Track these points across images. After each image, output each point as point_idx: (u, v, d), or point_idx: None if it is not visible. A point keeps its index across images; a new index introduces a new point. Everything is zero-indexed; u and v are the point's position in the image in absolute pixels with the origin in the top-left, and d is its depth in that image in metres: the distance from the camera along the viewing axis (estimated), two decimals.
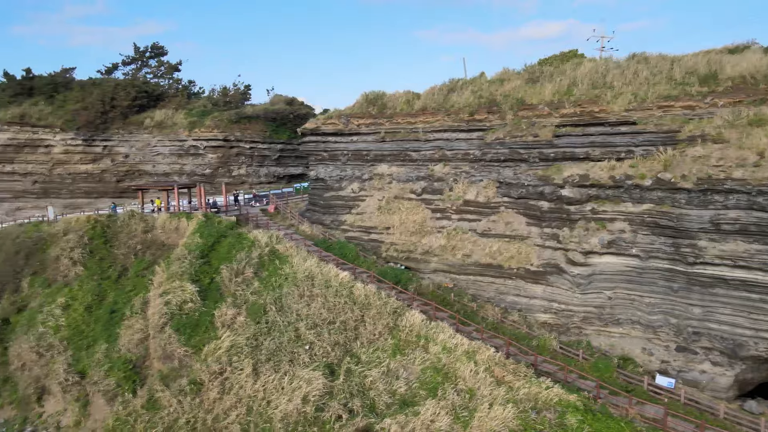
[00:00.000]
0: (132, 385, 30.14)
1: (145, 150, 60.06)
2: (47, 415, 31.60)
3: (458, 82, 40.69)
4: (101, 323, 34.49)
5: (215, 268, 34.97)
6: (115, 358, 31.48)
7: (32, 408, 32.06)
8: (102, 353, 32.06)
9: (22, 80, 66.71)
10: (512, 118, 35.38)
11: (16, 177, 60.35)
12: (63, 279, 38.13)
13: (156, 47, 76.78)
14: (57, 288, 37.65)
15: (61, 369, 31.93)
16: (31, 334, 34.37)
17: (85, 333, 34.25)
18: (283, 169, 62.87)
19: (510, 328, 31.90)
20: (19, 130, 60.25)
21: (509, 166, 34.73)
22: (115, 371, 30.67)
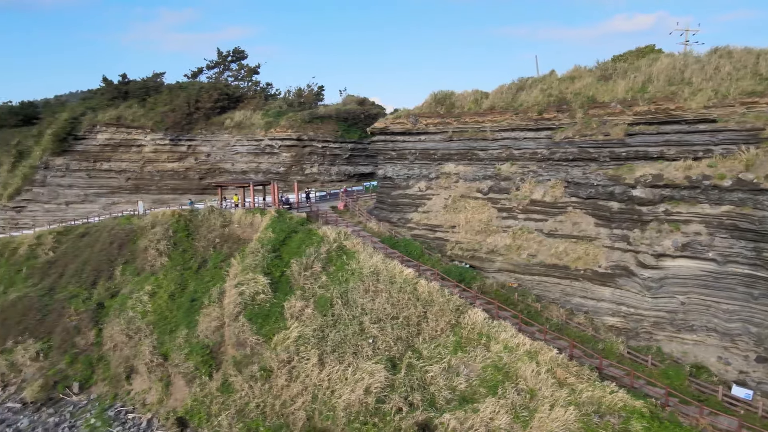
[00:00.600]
0: (208, 369, 32.13)
1: (225, 149, 63.46)
2: (134, 392, 34.36)
3: (527, 80, 40.21)
4: (182, 310, 37.02)
5: (286, 261, 36.62)
6: (194, 343, 33.65)
7: (122, 385, 34.97)
8: (183, 338, 34.38)
9: (119, 85, 72.29)
10: (582, 117, 34.59)
11: (112, 174, 65.56)
12: (150, 268, 41.20)
13: (237, 52, 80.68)
14: (145, 276, 40.76)
15: (147, 351, 34.56)
16: (122, 318, 37.45)
17: (169, 319, 36.88)
18: (354, 167, 64.44)
19: (575, 330, 31.30)
20: (115, 130, 65.43)
21: (578, 166, 34.01)
22: (194, 355, 32.78)
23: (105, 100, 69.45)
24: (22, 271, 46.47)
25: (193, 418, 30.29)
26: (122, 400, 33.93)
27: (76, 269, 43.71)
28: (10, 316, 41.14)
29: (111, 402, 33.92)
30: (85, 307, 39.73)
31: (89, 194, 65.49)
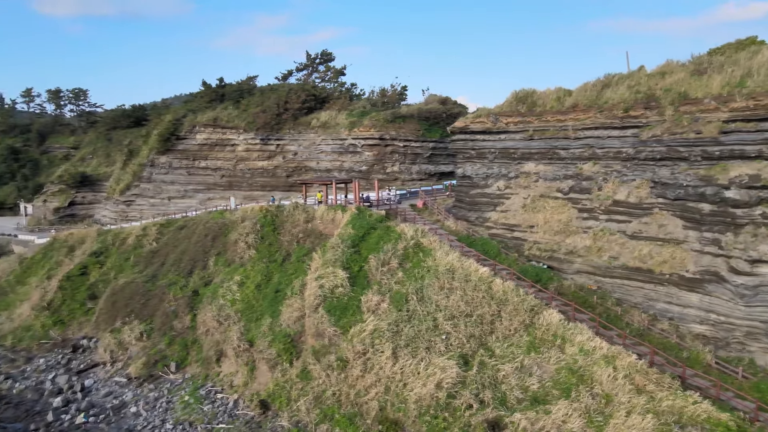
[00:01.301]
0: (289, 357, 33.91)
1: (311, 148, 66.13)
2: (223, 374, 36.88)
3: (614, 77, 38.77)
4: (267, 300, 39.22)
5: (364, 257, 37.81)
6: (277, 332, 35.60)
7: (212, 367, 37.64)
8: (267, 326, 36.47)
9: (216, 88, 77.31)
10: (672, 114, 32.95)
11: (208, 171, 70.32)
12: (239, 260, 43.95)
13: (325, 54, 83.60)
14: (234, 267, 43.54)
15: (234, 337, 36.98)
16: (214, 305, 40.26)
17: (255, 308, 39.22)
18: (435, 166, 64.86)
19: (657, 337, 29.97)
20: (212, 131, 70.09)
21: (666, 165, 32.46)
22: (277, 343, 34.69)
23: (204, 103, 74.54)
24: (130, 259, 51.07)
25: (275, 401, 32.23)
26: (212, 381, 36.49)
27: (176, 259, 47.45)
28: (119, 299, 45.44)
29: (203, 382, 36.59)
30: (182, 294, 43.08)
31: (188, 190, 70.63)
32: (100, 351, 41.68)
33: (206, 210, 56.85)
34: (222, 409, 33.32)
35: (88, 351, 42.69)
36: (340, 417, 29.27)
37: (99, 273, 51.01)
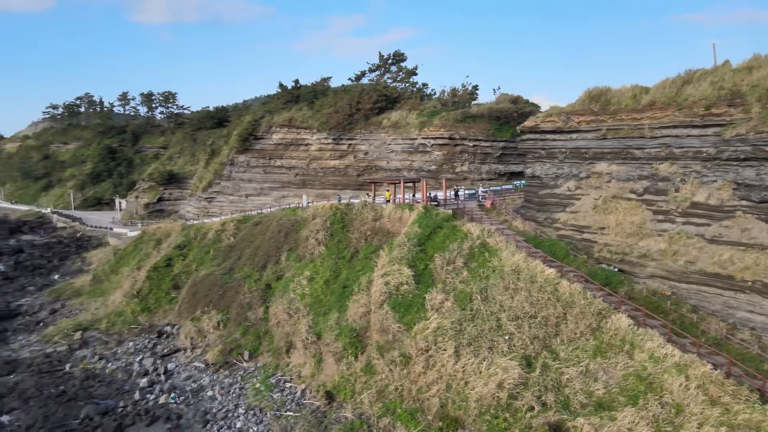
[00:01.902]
0: (354, 351, 34.89)
1: (381, 148, 67.21)
2: (292, 365, 38.47)
3: (695, 73, 36.88)
4: (335, 295, 40.48)
5: (430, 255, 38.18)
6: (344, 326, 36.69)
7: (282, 358, 39.36)
8: (334, 321, 37.68)
9: (292, 90, 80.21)
10: (759, 111, 30.97)
11: (283, 170, 73.15)
12: (310, 256, 45.58)
13: (397, 55, 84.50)
14: (305, 263, 45.21)
15: (303, 329, 38.48)
16: (285, 299, 42.04)
17: (323, 302, 40.60)
18: (505, 166, 64.09)
19: (736, 347, 28.31)
20: (287, 131, 72.86)
21: (751, 166, 30.56)
22: (343, 337, 35.78)
23: (280, 104, 77.60)
24: (209, 253, 54.17)
25: (340, 393, 33.30)
26: (282, 371, 38.17)
27: (251, 253, 49.87)
28: (200, 290, 48.37)
29: (273, 371, 38.35)
30: (256, 287, 45.26)
31: (264, 188, 73.81)
32: (181, 337, 44.58)
33: (280, 207, 59.23)
34: (290, 397, 34.80)
35: (171, 337, 45.79)
36: (401, 412, 29.85)
37: (182, 265, 54.46)
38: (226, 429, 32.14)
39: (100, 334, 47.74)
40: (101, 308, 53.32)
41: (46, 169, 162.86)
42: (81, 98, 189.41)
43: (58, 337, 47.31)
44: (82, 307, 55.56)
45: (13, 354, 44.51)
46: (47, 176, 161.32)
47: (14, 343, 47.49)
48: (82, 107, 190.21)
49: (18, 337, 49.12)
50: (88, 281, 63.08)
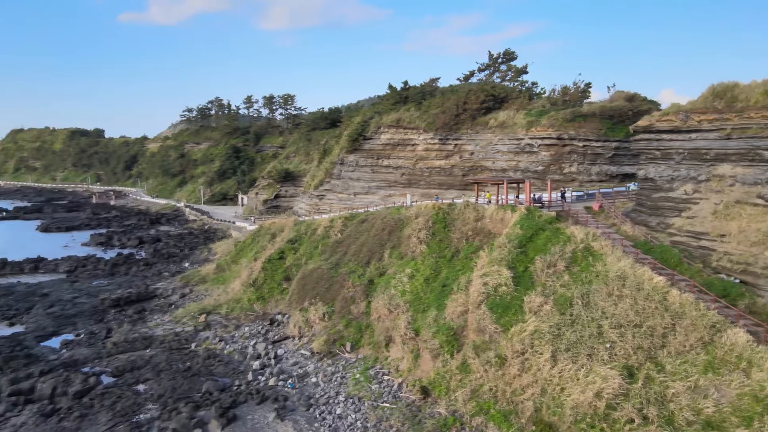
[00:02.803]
0: (451, 349, 35.41)
1: (487, 148, 66.76)
2: (391, 359, 39.78)
3: None
4: (434, 294, 41.23)
5: (530, 258, 37.70)
6: (441, 324, 37.34)
7: (382, 351, 40.82)
8: (432, 318, 38.44)
9: (400, 91, 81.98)
10: None
11: (390, 169, 75.08)
12: (411, 254, 46.70)
13: (507, 53, 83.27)
14: (406, 261, 46.41)
15: (402, 325, 39.65)
16: (386, 295, 43.50)
17: (422, 300, 41.51)
18: (617, 167, 60.87)
19: None
20: (395, 131, 74.68)
21: None
22: (440, 335, 36.44)
23: (389, 105, 79.66)
24: (318, 248, 57.25)
25: (435, 389, 34.04)
26: (381, 364, 39.62)
27: (356, 250, 52.03)
28: (308, 282, 51.38)
29: (372, 363, 39.92)
30: (359, 282, 47.23)
31: (372, 187, 76.23)
32: (290, 326, 47.71)
33: (385, 206, 61.06)
34: (387, 389, 36.11)
35: (281, 325, 49.15)
36: (495, 412, 29.98)
37: (293, 258, 58.06)
38: (327, 414, 34.12)
39: (221, 318, 52.38)
40: (222, 295, 58.37)
41: (181, 166, 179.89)
42: (212, 102, 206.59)
43: (186, 319, 52.65)
44: (207, 293, 61.19)
45: (149, 331, 50.30)
46: (182, 173, 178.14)
47: (151, 321, 53.59)
48: (212, 110, 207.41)
49: (154, 316, 55.34)
50: (213, 270, 69.18)
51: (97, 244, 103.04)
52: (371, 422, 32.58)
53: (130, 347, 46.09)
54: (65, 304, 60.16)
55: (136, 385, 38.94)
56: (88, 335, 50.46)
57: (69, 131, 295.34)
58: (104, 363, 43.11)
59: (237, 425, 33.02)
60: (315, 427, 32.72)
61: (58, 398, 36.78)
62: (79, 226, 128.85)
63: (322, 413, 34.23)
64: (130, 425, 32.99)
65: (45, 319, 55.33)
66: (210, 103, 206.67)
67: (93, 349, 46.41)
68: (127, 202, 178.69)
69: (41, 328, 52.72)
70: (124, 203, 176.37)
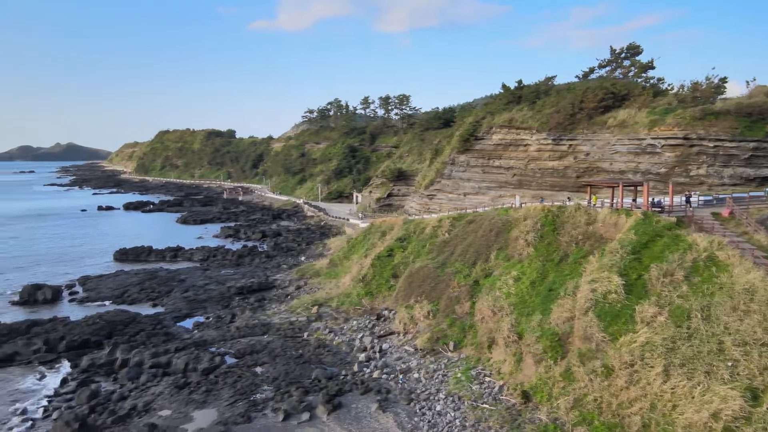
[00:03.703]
0: (554, 355, 34.64)
1: (604, 148, 63.61)
2: (493, 361, 39.65)
3: None
4: (540, 297, 40.45)
5: (645, 265, 35.73)
6: (545, 329, 36.63)
7: (484, 352, 40.81)
8: (536, 322, 37.81)
9: (514, 90, 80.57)
10: None
11: (501, 170, 74.14)
12: (518, 256, 46.09)
13: (631, 48, 78.68)
14: (513, 263, 45.89)
15: (505, 327, 39.37)
16: (491, 296, 43.40)
17: (527, 303, 40.90)
18: (754, 170, 55.04)
19: None
20: (507, 131, 73.61)
21: None
22: (544, 339, 35.78)
23: (501, 105, 78.64)
24: (425, 247, 58.23)
25: (536, 394, 33.54)
26: (483, 365, 39.64)
27: (462, 250, 52.29)
28: (415, 280, 52.54)
29: (474, 364, 40.07)
30: (464, 282, 47.50)
31: (482, 187, 75.76)
32: (396, 322, 49.16)
33: (493, 207, 60.55)
34: (488, 391, 36.16)
35: (387, 320, 50.77)
36: (599, 424, 29.02)
37: (401, 256, 59.56)
38: (427, 409, 34.94)
39: (332, 311, 55.22)
40: (334, 288, 61.40)
41: (302, 165, 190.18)
42: (331, 103, 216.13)
43: (300, 309, 56.20)
44: (320, 286, 64.68)
45: (267, 319, 54.39)
46: (302, 171, 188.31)
47: (269, 310, 57.86)
48: (331, 111, 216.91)
49: (272, 305, 59.66)
50: (326, 264, 72.87)
51: (226, 237, 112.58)
52: (470, 422, 32.90)
53: (250, 332, 50.23)
54: (198, 290, 66.73)
55: (254, 367, 42.43)
56: (215, 319, 55.72)
57: (206, 132, 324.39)
58: (228, 345, 47.41)
59: (342, 412, 34.94)
60: (414, 421, 33.69)
61: (189, 373, 41.17)
62: (211, 219, 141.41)
63: (422, 408, 35.11)
64: (248, 403, 36.16)
65: (181, 302, 61.87)
66: (329, 105, 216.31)
67: (219, 331, 51.21)
68: (252, 198, 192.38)
69: (178, 310, 59.06)
70: (251, 199, 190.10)
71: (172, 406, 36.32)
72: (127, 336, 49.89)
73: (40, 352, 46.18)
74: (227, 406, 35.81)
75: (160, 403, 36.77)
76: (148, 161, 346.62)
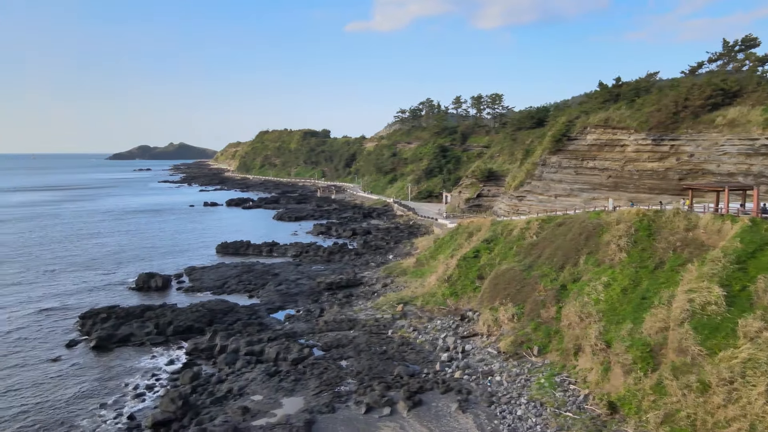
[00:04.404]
0: (645, 366, 33.16)
1: (710, 149, 59.27)
2: (578, 368, 38.49)
3: None
4: (631, 306, 38.75)
5: (751, 276, 33.31)
6: (636, 339, 35.11)
7: (569, 359, 39.70)
8: (626, 331, 36.31)
9: (612, 88, 77.04)
10: None
11: (595, 172, 71.23)
12: (609, 261, 44.33)
13: (747, 40, 72.77)
14: (603, 268, 44.20)
15: (593, 335, 38.10)
16: (578, 301, 42.12)
17: (617, 311, 39.30)
18: None
19: None
20: (602, 131, 70.61)
21: None
22: (634, 350, 34.33)
23: (597, 103, 75.44)
24: (512, 249, 57.37)
25: (624, 406, 32.33)
26: (568, 372, 38.62)
27: (550, 253, 51.04)
28: (500, 282, 52.03)
29: (559, 371, 39.13)
30: (551, 286, 46.40)
31: (574, 189, 73.17)
32: (479, 323, 49.00)
33: (584, 209, 58.44)
34: (571, 399, 35.28)
35: (471, 321, 50.71)
36: None
37: (487, 257, 59.11)
38: (507, 413, 34.72)
39: (416, 310, 55.99)
40: (419, 288, 62.13)
41: (393, 164, 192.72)
42: (423, 103, 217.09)
43: (385, 307, 57.48)
44: (405, 285, 65.67)
45: (353, 314, 56.17)
46: (393, 171, 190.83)
47: (355, 306, 59.68)
48: (423, 111, 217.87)
49: (358, 302, 61.47)
50: (413, 263, 73.76)
51: (318, 234, 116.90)
52: (551, 429, 32.36)
53: (337, 327, 52.18)
54: (290, 284, 70.12)
55: (340, 360, 44.13)
56: (305, 312, 58.38)
57: (302, 132, 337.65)
58: (316, 338, 49.59)
59: (422, 410, 35.58)
60: (494, 424, 33.63)
61: (280, 362, 43.63)
62: (305, 217, 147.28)
63: (503, 412, 34.94)
64: (332, 394, 37.78)
65: (274, 294, 65.38)
66: (421, 104, 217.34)
67: (308, 324, 53.66)
68: (345, 196, 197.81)
69: (271, 302, 62.50)
70: (343, 197, 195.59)
71: (263, 391, 38.76)
72: (225, 324, 53.62)
73: (151, 335, 50.91)
74: (313, 396, 37.65)
75: (252, 388, 39.35)
76: (249, 160, 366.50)
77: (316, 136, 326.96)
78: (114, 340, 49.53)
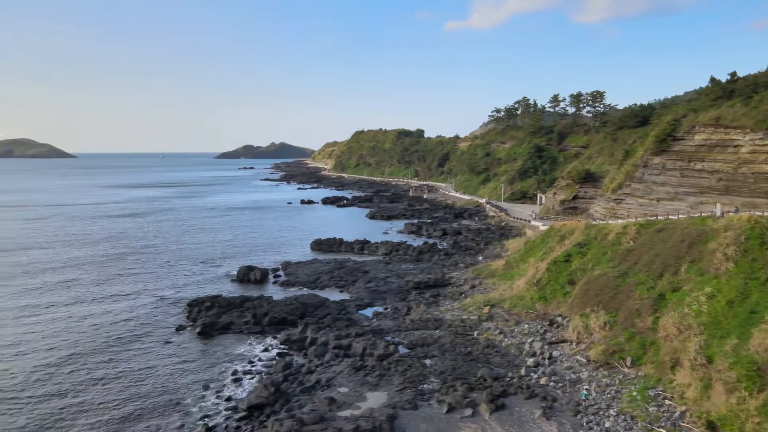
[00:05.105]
0: (751, 385, 30.81)
1: None
2: (675, 383, 36.35)
3: None
4: (738, 319, 36.04)
5: None
6: (742, 355, 32.67)
7: (666, 373, 37.55)
8: (731, 347, 33.87)
9: (725, 84, 71.43)
10: None
11: (703, 174, 66.31)
12: (714, 271, 41.39)
13: None
14: (707, 278, 41.36)
15: (693, 349, 35.83)
16: (677, 312, 39.75)
17: (721, 324, 36.68)
18: None
19: None
20: (713, 131, 65.61)
21: None
22: (739, 367, 31.99)
23: (708, 101, 70.25)
24: (607, 254, 54.99)
25: (725, 426, 30.31)
26: (663, 386, 36.59)
27: (648, 260, 48.42)
28: (592, 288, 50.13)
29: (654, 384, 37.16)
30: (648, 295, 44.08)
31: (679, 192, 68.54)
32: (569, 330, 47.56)
33: (689, 214, 54.73)
34: (666, 415, 33.48)
35: (560, 327, 49.32)
36: None
37: (579, 262, 57.07)
38: (594, 424, 33.62)
39: (503, 312, 55.31)
40: (507, 290, 61.22)
41: (486, 164, 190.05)
42: (519, 102, 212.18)
43: (472, 308, 57.30)
44: (493, 287, 64.95)
45: (440, 314, 56.55)
46: (486, 171, 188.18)
47: (442, 306, 60.01)
48: (519, 110, 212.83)
49: (445, 302, 61.73)
50: (502, 265, 72.72)
51: (409, 233, 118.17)
52: None
53: (423, 326, 52.83)
54: (379, 282, 71.74)
55: (424, 359, 44.76)
56: (392, 310, 59.60)
57: (396, 132, 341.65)
58: (402, 335, 50.56)
59: (504, 414, 35.35)
60: None
61: (366, 357, 45.03)
62: (396, 216, 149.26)
63: (590, 422, 33.89)
64: (415, 391, 38.50)
65: (363, 291, 67.25)
66: (517, 103, 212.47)
67: (395, 322, 54.78)
68: (436, 196, 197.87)
69: (360, 298, 64.37)
70: (434, 197, 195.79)
71: (349, 384, 40.28)
72: (316, 317, 56.07)
73: (249, 324, 54.41)
74: (397, 392, 38.57)
75: (339, 380, 41.02)
76: (344, 159, 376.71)
77: (410, 136, 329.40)
78: (216, 327, 53.50)
